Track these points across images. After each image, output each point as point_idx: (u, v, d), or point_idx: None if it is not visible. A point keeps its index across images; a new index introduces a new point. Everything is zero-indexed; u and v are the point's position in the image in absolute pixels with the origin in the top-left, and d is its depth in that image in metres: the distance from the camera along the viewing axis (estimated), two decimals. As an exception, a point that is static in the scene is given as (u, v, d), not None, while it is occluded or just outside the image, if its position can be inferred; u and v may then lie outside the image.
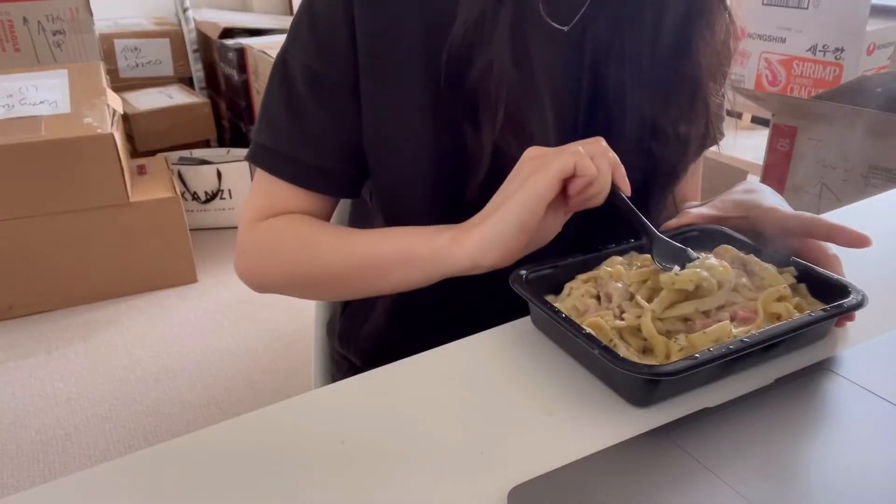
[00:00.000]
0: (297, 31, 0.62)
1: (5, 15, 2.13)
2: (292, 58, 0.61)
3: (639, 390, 0.45)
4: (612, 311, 0.49)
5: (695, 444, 0.41)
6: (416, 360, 0.51)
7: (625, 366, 0.43)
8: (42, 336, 1.83)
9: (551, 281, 0.54)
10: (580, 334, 0.46)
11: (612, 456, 0.41)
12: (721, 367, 0.46)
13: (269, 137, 0.63)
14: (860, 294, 0.49)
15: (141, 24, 2.72)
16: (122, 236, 1.93)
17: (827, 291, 0.51)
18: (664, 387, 0.45)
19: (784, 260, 0.54)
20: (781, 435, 0.42)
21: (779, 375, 0.47)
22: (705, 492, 0.38)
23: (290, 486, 0.40)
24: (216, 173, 2.32)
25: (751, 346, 0.45)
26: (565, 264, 0.54)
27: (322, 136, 0.62)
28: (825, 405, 0.45)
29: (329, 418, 0.46)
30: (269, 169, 0.63)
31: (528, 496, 0.38)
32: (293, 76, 0.61)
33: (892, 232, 0.69)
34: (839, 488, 0.38)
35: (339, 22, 0.58)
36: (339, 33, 0.58)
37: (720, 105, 0.69)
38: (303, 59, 0.61)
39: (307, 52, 0.60)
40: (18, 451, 1.44)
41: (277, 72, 0.63)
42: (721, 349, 0.44)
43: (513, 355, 0.51)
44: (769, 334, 0.46)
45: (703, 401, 0.45)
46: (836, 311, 0.48)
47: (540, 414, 0.45)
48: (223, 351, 1.77)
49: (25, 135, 1.77)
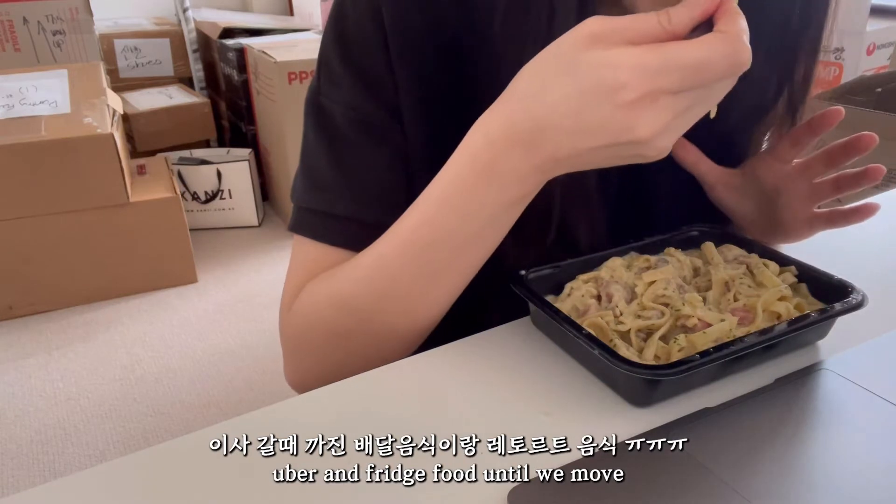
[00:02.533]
0: (328, 67, 0.53)
1: (5, 15, 2.13)
2: (327, 98, 0.52)
3: (639, 390, 0.45)
4: (613, 311, 0.49)
5: (694, 443, 0.41)
6: (416, 361, 0.51)
7: (625, 366, 0.43)
8: (42, 336, 1.84)
9: (552, 281, 0.54)
10: (580, 334, 0.46)
11: (611, 456, 0.41)
12: (722, 366, 0.46)
13: (316, 199, 0.53)
14: (860, 294, 0.49)
15: (141, 24, 2.72)
16: (122, 236, 1.93)
17: (827, 291, 0.51)
18: (665, 387, 0.45)
19: (786, 258, 0.54)
20: (781, 434, 0.42)
21: (779, 375, 0.47)
22: (705, 491, 0.38)
23: (289, 486, 0.40)
24: (216, 173, 2.32)
25: (752, 346, 0.45)
26: (566, 264, 0.54)
27: (378, 188, 0.52)
28: (825, 405, 0.45)
29: (329, 419, 0.45)
30: (327, 237, 0.52)
31: (527, 496, 0.38)
32: (334, 120, 0.52)
33: (893, 231, 0.69)
34: (839, 488, 0.38)
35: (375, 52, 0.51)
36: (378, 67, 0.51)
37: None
38: (340, 97, 0.52)
39: (344, 87, 0.52)
40: (18, 451, 1.45)
41: (311, 117, 0.53)
42: (723, 349, 0.44)
43: (512, 355, 0.51)
44: (770, 334, 0.46)
45: (702, 401, 0.45)
46: (836, 310, 0.48)
47: (540, 414, 0.45)
48: (223, 351, 1.77)
49: (25, 135, 1.78)
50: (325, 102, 0.52)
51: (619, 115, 0.38)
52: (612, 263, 0.53)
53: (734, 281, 0.51)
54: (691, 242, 0.58)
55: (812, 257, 0.54)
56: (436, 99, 0.52)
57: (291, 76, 2.13)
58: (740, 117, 0.57)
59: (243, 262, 2.21)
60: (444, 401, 0.47)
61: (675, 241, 0.58)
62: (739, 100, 0.45)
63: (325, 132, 0.52)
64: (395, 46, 0.50)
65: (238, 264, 2.20)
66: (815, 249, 0.59)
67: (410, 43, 0.51)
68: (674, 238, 0.58)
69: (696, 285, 0.52)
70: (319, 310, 0.52)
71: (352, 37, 0.51)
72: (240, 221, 2.41)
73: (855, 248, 0.53)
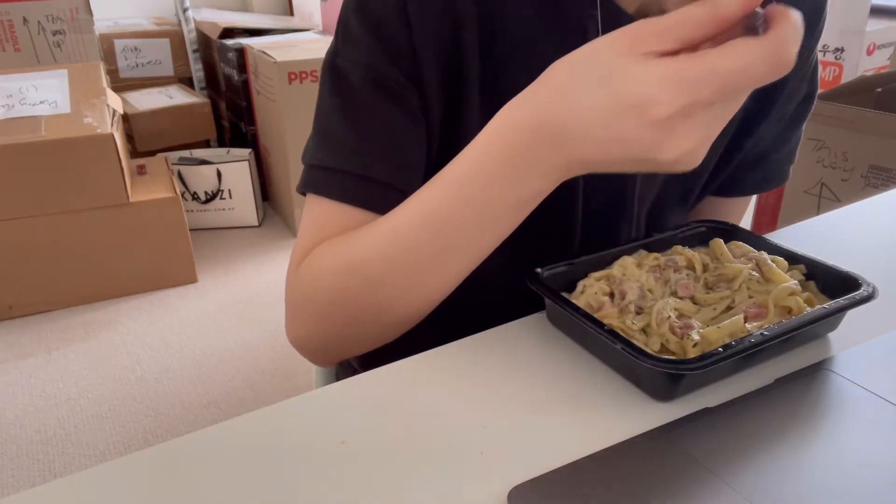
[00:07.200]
0: (348, 32, 0.53)
1: (5, 15, 2.13)
2: (345, 59, 0.52)
3: (663, 384, 0.45)
4: (627, 308, 0.50)
5: (695, 443, 0.41)
6: (415, 361, 0.51)
7: (650, 361, 0.43)
8: (42, 336, 1.84)
9: (566, 278, 0.54)
10: (602, 330, 0.46)
11: (612, 456, 0.41)
12: (740, 361, 0.46)
13: (329, 156, 0.53)
14: (871, 286, 0.49)
15: (141, 24, 2.72)
16: (122, 236, 1.94)
17: (836, 286, 0.51)
18: (688, 381, 0.46)
19: (794, 255, 0.55)
20: (781, 434, 0.42)
21: (779, 375, 0.47)
22: (705, 491, 0.38)
23: (290, 486, 0.40)
24: (216, 173, 2.33)
25: (772, 339, 0.45)
26: (579, 262, 0.55)
27: (393, 147, 0.52)
28: (825, 405, 0.45)
29: (329, 418, 0.46)
30: (336, 194, 0.52)
31: (527, 496, 0.38)
32: (350, 80, 0.52)
33: (892, 232, 0.69)
34: (839, 488, 0.38)
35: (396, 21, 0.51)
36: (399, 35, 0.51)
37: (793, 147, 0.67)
38: (363, 60, 0.52)
39: (366, 52, 0.52)
40: (18, 451, 1.45)
41: (327, 79, 0.53)
42: (744, 342, 0.44)
43: (509, 355, 0.51)
44: (787, 326, 0.46)
45: (703, 401, 0.45)
46: (849, 302, 0.48)
47: (539, 414, 0.45)
48: (223, 351, 1.78)
49: (25, 135, 1.78)
50: (342, 63, 0.53)
51: (649, 132, 0.37)
52: (624, 262, 0.54)
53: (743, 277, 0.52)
54: (698, 239, 0.58)
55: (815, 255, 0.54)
56: (455, 75, 0.52)
57: (291, 76, 2.13)
58: None
59: (243, 262, 2.22)
60: (442, 400, 0.47)
61: (683, 237, 0.58)
62: None
63: (341, 92, 0.52)
64: (416, 19, 0.51)
65: (238, 264, 2.21)
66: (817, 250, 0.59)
67: (431, 18, 0.51)
68: (681, 235, 0.58)
69: (704, 281, 0.53)
70: (328, 272, 0.52)
71: (373, 4, 0.52)
72: (240, 221, 2.42)
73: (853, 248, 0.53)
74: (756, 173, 0.66)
